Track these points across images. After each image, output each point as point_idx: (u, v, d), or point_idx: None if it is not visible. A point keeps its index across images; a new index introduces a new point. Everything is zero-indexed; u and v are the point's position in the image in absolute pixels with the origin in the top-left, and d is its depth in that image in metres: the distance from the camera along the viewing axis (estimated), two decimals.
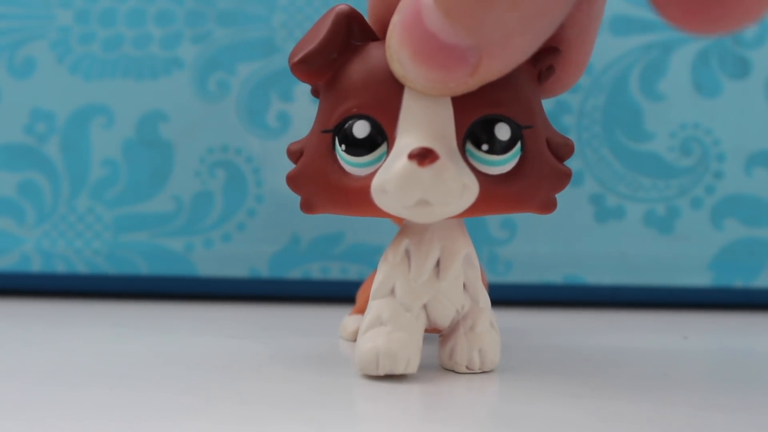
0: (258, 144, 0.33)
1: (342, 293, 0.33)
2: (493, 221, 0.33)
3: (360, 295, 0.26)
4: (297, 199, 0.19)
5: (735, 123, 0.33)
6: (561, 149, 0.19)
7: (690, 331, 0.28)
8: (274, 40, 0.33)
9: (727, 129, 0.33)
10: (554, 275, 0.33)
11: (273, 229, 0.33)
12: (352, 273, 0.33)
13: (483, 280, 0.25)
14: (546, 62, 0.19)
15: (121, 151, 0.33)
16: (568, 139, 0.19)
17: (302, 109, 0.33)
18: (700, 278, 0.33)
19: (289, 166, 0.19)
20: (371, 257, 0.33)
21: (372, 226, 0.33)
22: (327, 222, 0.33)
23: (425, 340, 0.21)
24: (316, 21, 0.35)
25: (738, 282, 0.33)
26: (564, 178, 0.19)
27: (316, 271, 0.33)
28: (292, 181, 0.19)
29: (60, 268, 0.33)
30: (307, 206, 0.19)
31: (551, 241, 0.33)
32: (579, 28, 0.19)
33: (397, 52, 0.17)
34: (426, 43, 0.16)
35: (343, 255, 0.33)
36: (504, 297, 0.33)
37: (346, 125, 0.18)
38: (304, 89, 0.33)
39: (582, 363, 0.22)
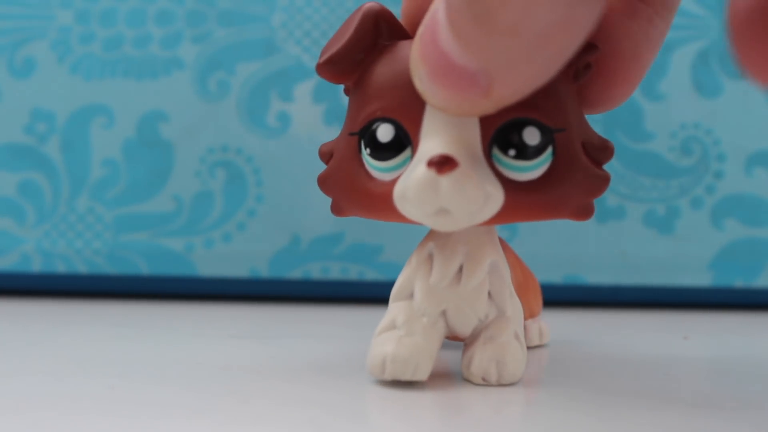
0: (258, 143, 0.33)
1: (342, 293, 0.33)
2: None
3: None
4: (297, 199, 0.19)
5: (735, 123, 0.33)
6: (599, 152, 0.18)
7: (690, 331, 0.28)
8: (274, 40, 0.33)
9: (727, 129, 0.33)
10: (554, 275, 0.33)
11: (273, 229, 0.33)
12: (352, 273, 0.33)
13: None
14: (582, 60, 0.17)
15: (121, 151, 0.33)
16: (607, 141, 0.18)
17: (302, 109, 0.33)
18: (700, 278, 0.33)
19: (289, 165, 0.19)
20: (371, 257, 0.33)
21: (372, 226, 0.33)
22: (327, 222, 0.33)
23: (453, 347, 0.21)
24: (320, 19, 0.35)
25: (738, 282, 0.33)
26: (601, 183, 0.17)
27: (316, 271, 0.33)
28: (323, 183, 0.19)
29: (60, 268, 0.33)
30: (337, 209, 0.19)
31: (551, 241, 0.33)
32: (633, 41, 0.18)
33: (416, 67, 0.16)
34: (440, 61, 0.16)
35: (343, 255, 0.33)
36: None
37: (371, 129, 0.18)
38: (303, 89, 0.33)
39: (581, 363, 0.22)
